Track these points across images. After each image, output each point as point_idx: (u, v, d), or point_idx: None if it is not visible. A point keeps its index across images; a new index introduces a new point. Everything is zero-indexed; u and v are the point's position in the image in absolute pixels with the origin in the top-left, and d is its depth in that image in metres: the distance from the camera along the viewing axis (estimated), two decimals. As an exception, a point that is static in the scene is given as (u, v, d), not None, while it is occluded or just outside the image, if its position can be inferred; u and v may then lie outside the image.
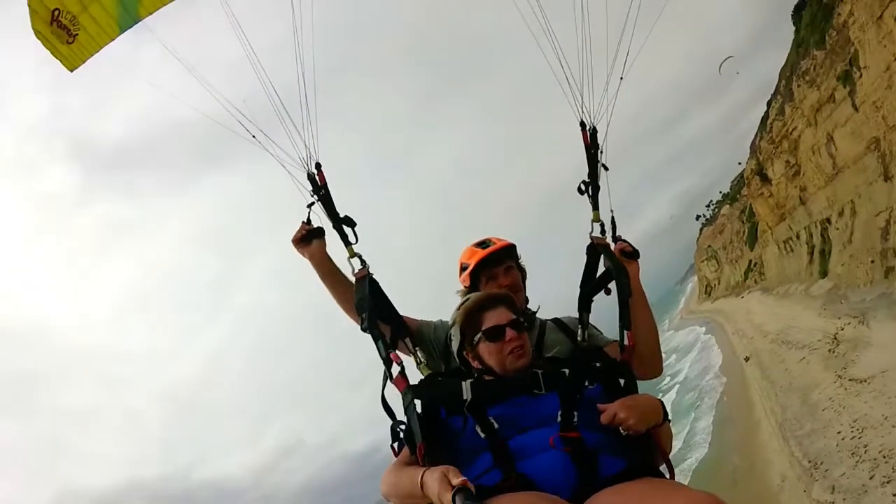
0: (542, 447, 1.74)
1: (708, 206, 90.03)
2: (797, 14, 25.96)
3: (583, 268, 2.48)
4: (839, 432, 10.54)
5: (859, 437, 9.77)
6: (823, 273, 22.40)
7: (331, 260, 2.53)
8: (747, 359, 23.04)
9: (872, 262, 18.31)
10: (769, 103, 28.90)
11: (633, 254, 2.37)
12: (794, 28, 26.46)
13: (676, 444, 18.39)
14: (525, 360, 2.02)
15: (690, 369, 34.96)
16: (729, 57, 42.51)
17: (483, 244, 2.70)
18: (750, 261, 44.59)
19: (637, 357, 2.21)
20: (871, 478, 8.36)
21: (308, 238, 2.48)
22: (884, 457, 8.57)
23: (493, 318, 2.06)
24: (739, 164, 41.47)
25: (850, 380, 12.58)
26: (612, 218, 2.42)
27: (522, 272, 2.77)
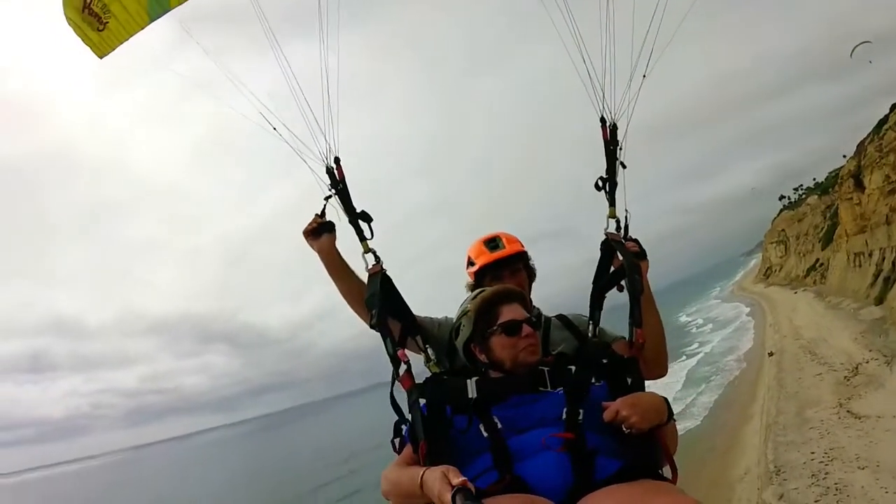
0: (539, 448, 1.75)
1: (796, 189, 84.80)
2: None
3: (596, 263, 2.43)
4: (812, 452, 11.38)
5: (826, 465, 10.59)
6: (879, 300, 21.91)
7: (340, 255, 2.51)
8: (771, 354, 23.50)
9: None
10: (893, 107, 26.41)
11: (641, 254, 2.35)
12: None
13: (677, 408, 19.47)
14: (536, 357, 2.05)
15: (718, 345, 35.56)
16: (865, 41, 37.28)
17: (493, 244, 2.70)
18: (817, 259, 43.02)
19: (642, 358, 2.18)
20: (815, 502, 9.30)
21: (319, 231, 2.46)
22: (836, 490, 9.44)
23: (510, 312, 2.08)
24: (844, 157, 38.35)
25: (847, 411, 13.16)
26: (626, 217, 2.40)
27: (531, 274, 2.78)
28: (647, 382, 2.18)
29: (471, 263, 2.72)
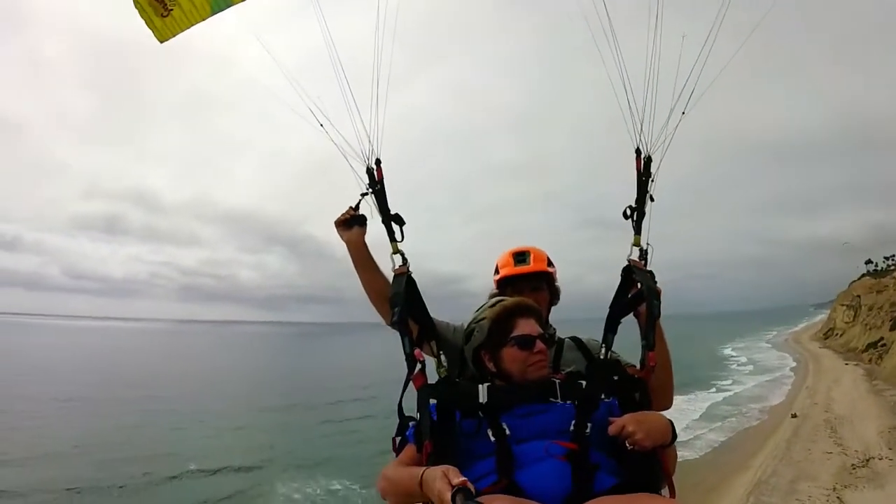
0: (541, 456, 1.77)
1: (887, 258, 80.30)
2: None
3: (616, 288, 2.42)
4: (787, 524, 12.07)
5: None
6: None
7: (367, 249, 2.55)
8: (794, 416, 23.52)
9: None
10: None
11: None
12: None
13: (683, 437, 20.01)
14: (545, 373, 2.07)
15: (750, 389, 35.44)
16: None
17: (520, 257, 2.73)
18: (881, 338, 41.06)
19: (650, 382, 2.18)
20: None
21: (350, 223, 2.51)
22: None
23: (525, 326, 2.09)
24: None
25: (838, 498, 13.54)
26: (648, 250, 2.38)
27: (553, 294, 2.79)
28: None
29: (497, 272, 2.78)
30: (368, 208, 2.51)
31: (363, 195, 2.49)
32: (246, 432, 26.08)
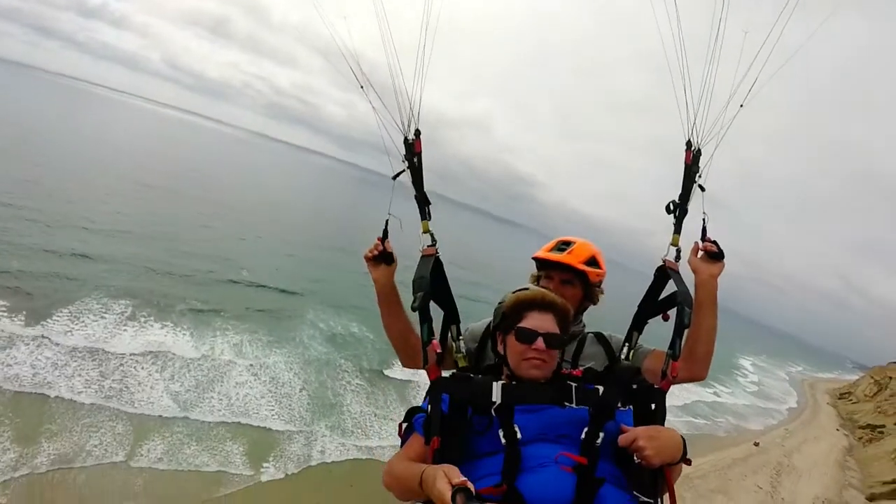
0: (547, 463, 1.74)
1: None
2: None
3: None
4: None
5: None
6: (872, 499, 22.68)
7: (395, 289, 2.46)
8: (756, 444, 25.27)
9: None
10: None
11: (718, 255, 2.28)
12: None
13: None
14: (540, 374, 2.01)
15: (737, 405, 36.64)
16: None
17: (563, 245, 2.75)
18: (883, 425, 40.62)
19: (689, 356, 2.23)
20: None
21: (378, 260, 2.42)
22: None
23: (534, 319, 2.05)
24: None
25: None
26: (704, 220, 2.32)
27: (588, 295, 2.75)
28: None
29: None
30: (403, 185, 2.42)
31: (397, 175, 2.39)
32: (295, 261, 28.46)
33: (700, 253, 2.33)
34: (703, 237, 2.36)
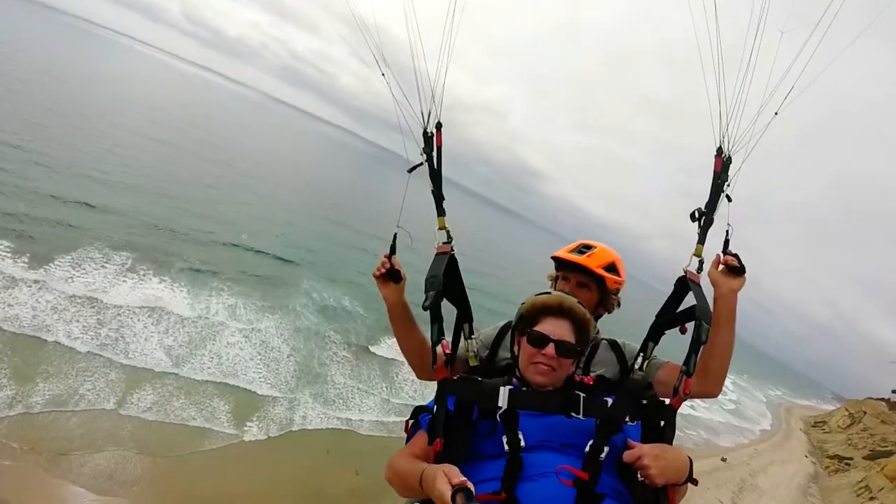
0: (550, 473, 1.72)
1: None
2: None
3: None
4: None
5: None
6: None
7: (406, 306, 2.43)
8: (723, 460, 25.84)
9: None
10: None
11: (740, 269, 2.17)
12: None
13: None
14: (546, 381, 2.00)
15: (712, 422, 36.97)
16: None
17: (583, 248, 2.72)
18: (851, 458, 41.25)
19: (703, 372, 2.16)
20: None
21: (387, 278, 2.37)
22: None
23: (548, 325, 2.05)
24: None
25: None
26: (728, 232, 2.22)
27: (603, 301, 2.72)
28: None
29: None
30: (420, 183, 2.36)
31: (412, 168, 2.34)
32: (295, 229, 28.64)
33: (721, 266, 2.24)
34: (725, 250, 2.26)
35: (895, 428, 49.08)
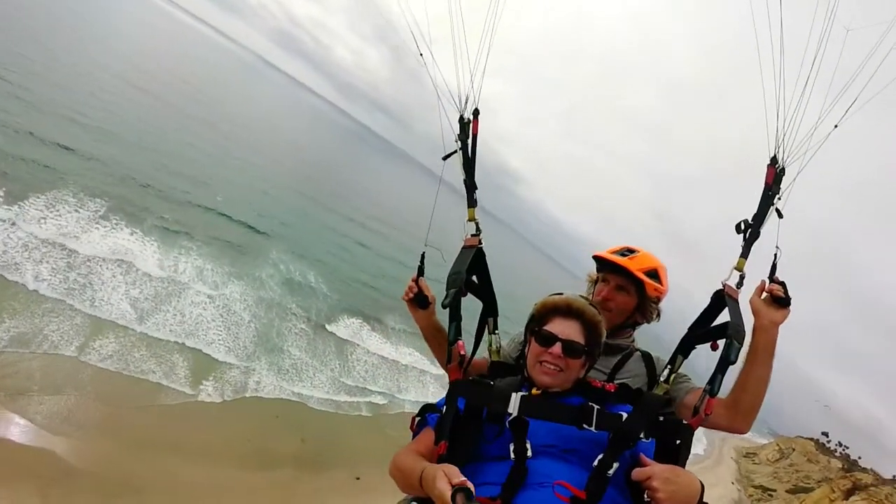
0: (547, 482, 1.68)
1: (841, 444, 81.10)
2: None
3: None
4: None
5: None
6: None
7: (439, 327, 2.43)
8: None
9: None
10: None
11: (784, 301, 2.03)
12: None
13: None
14: (552, 382, 1.97)
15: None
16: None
17: (626, 252, 2.65)
18: (775, 490, 43.48)
19: (733, 405, 2.08)
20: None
21: (414, 303, 2.42)
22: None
23: (557, 325, 2.02)
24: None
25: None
26: (776, 255, 2.08)
27: (642, 309, 2.62)
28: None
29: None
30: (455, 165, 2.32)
31: (447, 156, 2.32)
32: (270, 199, 28.60)
33: (765, 294, 2.09)
34: (772, 276, 2.11)
35: (819, 467, 51.82)
